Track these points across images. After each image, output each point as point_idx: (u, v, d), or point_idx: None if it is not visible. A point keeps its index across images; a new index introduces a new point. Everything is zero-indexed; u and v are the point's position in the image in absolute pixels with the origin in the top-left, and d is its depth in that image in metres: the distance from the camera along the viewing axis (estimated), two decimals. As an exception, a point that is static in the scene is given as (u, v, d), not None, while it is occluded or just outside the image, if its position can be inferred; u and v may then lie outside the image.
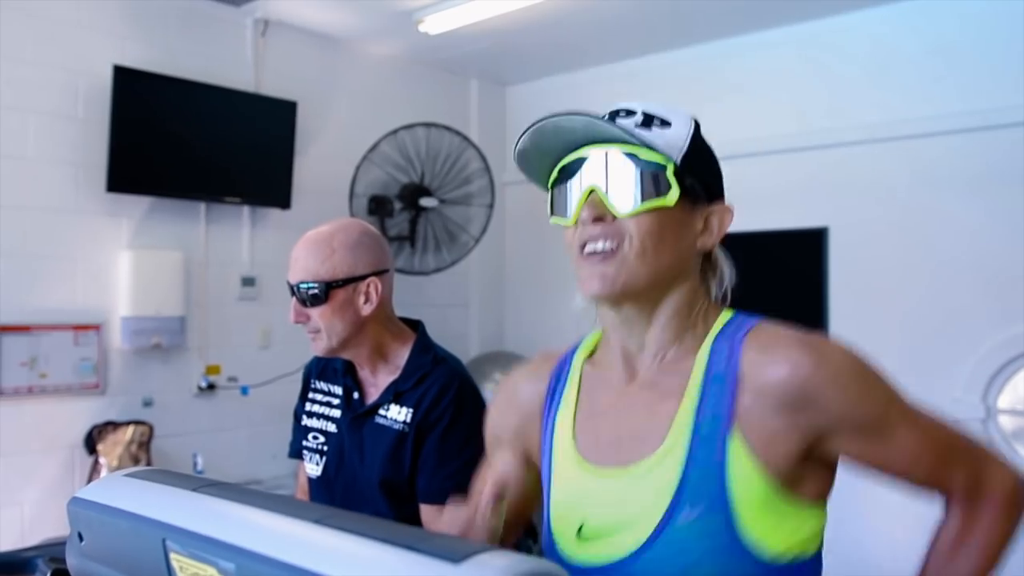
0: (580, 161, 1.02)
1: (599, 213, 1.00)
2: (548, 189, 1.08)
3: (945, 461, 1.01)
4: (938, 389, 3.42)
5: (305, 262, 1.67)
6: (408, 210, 4.14)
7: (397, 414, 1.68)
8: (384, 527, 0.53)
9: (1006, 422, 3.39)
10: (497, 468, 1.13)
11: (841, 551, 1.03)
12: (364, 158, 4.03)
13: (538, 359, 1.21)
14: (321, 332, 1.68)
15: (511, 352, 4.70)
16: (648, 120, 1.03)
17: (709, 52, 4.13)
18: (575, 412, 1.10)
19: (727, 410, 0.96)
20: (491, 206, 4.25)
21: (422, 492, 1.66)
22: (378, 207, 4.06)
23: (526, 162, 1.07)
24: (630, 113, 1.04)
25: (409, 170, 4.13)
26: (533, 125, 1.01)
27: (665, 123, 1.03)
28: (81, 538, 0.68)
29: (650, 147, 0.99)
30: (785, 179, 3.84)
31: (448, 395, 1.66)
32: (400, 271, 3.93)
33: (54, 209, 3.25)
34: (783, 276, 3.81)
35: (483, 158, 4.24)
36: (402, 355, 1.74)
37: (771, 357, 0.97)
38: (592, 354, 1.15)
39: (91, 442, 3.28)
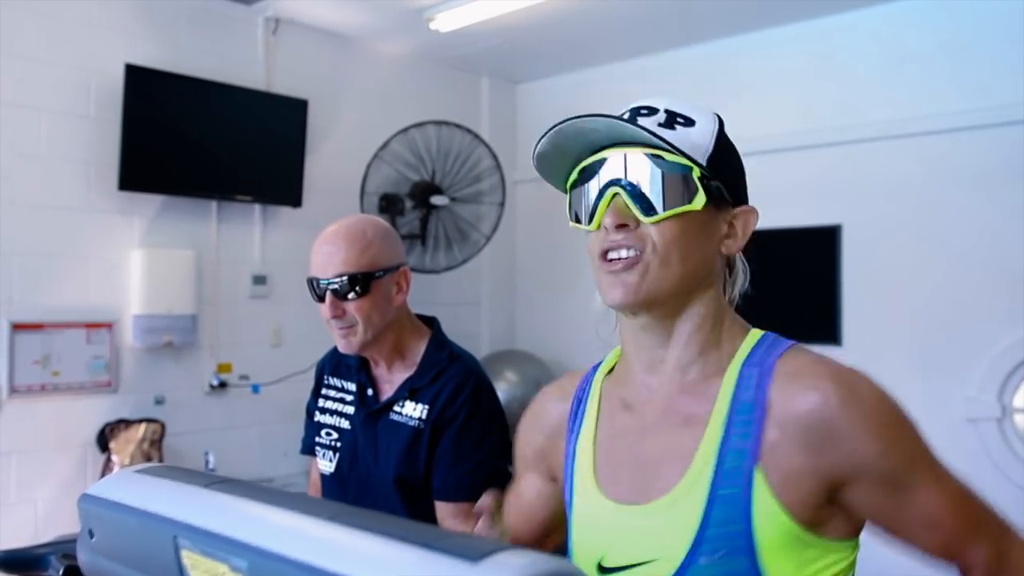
0: (601, 162, 0.97)
1: (622, 219, 0.95)
2: (567, 191, 1.03)
3: (968, 530, 0.95)
4: (953, 388, 3.40)
5: (344, 255, 1.64)
6: (419, 208, 4.14)
7: (412, 411, 1.67)
8: (400, 525, 0.52)
9: (1022, 421, 3.36)
10: (521, 490, 1.15)
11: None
12: (375, 156, 4.03)
13: (565, 377, 1.18)
14: (357, 326, 1.66)
15: (522, 351, 4.69)
16: (671, 119, 0.98)
17: (719, 50, 4.11)
18: (595, 435, 1.06)
19: (753, 444, 0.91)
20: (502, 204, 4.24)
21: (438, 489, 1.65)
22: (389, 205, 4.06)
23: (545, 164, 1.03)
24: (652, 111, 0.99)
25: (420, 168, 4.12)
26: (553, 127, 0.97)
27: (689, 121, 0.99)
28: (92, 535, 0.67)
29: (675, 150, 0.94)
30: (797, 176, 3.81)
31: (464, 392, 1.65)
32: (411, 269, 3.92)
33: (66, 208, 3.26)
34: (796, 274, 3.79)
35: (494, 156, 4.23)
36: (418, 351, 1.74)
37: (799, 387, 0.92)
38: (611, 371, 1.11)
39: (103, 440, 3.29)
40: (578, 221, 1.01)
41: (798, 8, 3.75)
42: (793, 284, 3.71)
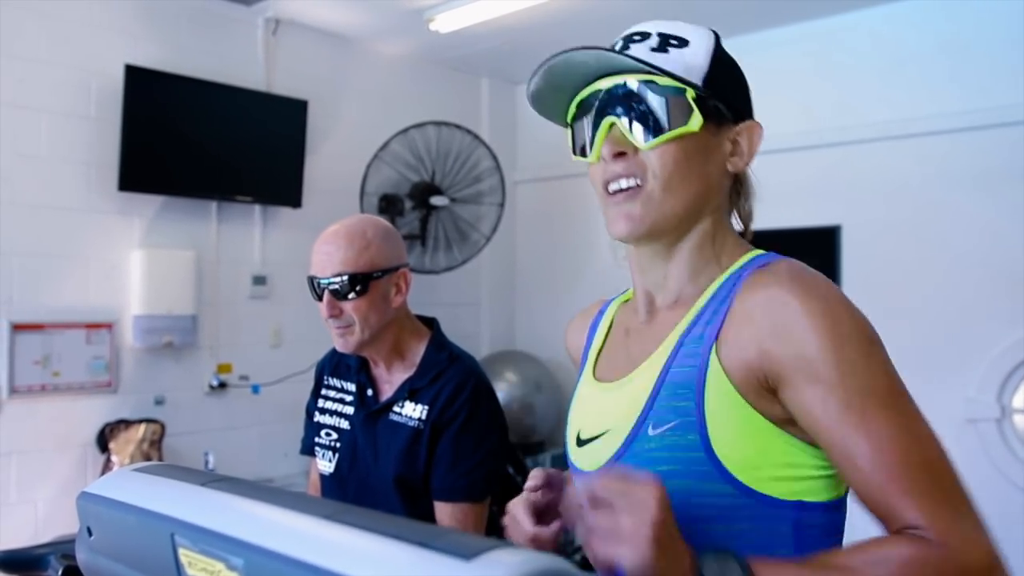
0: (596, 94, 0.97)
1: (620, 148, 0.95)
2: (568, 126, 1.03)
3: (904, 483, 0.80)
4: (952, 388, 3.40)
5: (343, 254, 1.64)
6: (419, 209, 4.14)
7: (412, 411, 1.68)
8: (395, 523, 0.52)
9: (1021, 422, 3.36)
10: None
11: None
12: (375, 157, 4.03)
13: (590, 306, 1.24)
14: (354, 326, 1.66)
15: (522, 351, 4.69)
16: (664, 42, 0.98)
17: (720, 50, 4.10)
18: (601, 345, 1.12)
19: (712, 331, 0.93)
20: (502, 204, 4.24)
21: (437, 489, 1.65)
22: (389, 206, 4.06)
23: (541, 102, 1.02)
24: (644, 36, 0.99)
25: (420, 169, 4.13)
26: (543, 65, 0.96)
27: (683, 42, 0.98)
28: (90, 533, 0.68)
29: (665, 73, 0.93)
30: (797, 177, 3.81)
31: (464, 393, 1.66)
32: (411, 270, 3.92)
33: (67, 208, 3.26)
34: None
35: (494, 156, 4.24)
36: (417, 352, 1.74)
37: (761, 283, 0.92)
38: (627, 300, 1.16)
39: (103, 440, 3.30)
40: (583, 155, 1.01)
41: (798, 9, 3.75)
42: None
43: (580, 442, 1.05)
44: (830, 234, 3.78)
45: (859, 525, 0.95)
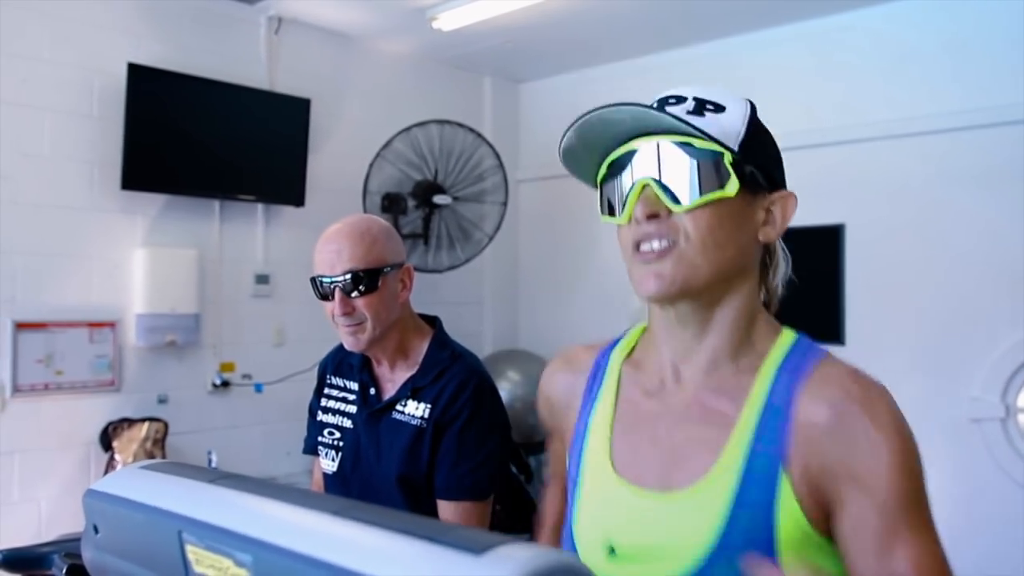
0: (630, 154, 0.95)
1: (653, 209, 0.92)
2: (597, 187, 1.00)
3: None
4: (956, 388, 3.39)
5: (352, 252, 1.64)
6: (422, 208, 4.14)
7: (415, 410, 1.68)
8: (403, 519, 0.52)
9: (1025, 421, 3.36)
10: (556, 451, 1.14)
11: None
12: (377, 156, 4.03)
13: (573, 350, 1.14)
14: (365, 323, 1.66)
15: (525, 350, 4.69)
16: (700, 106, 0.96)
17: (721, 49, 4.10)
18: (612, 417, 1.03)
19: (780, 449, 0.90)
20: (505, 203, 4.24)
21: (440, 488, 1.65)
22: (392, 205, 4.06)
23: (573, 159, 1.00)
24: (680, 100, 0.97)
25: (423, 167, 4.13)
26: (579, 120, 0.94)
27: (719, 108, 0.96)
28: (96, 530, 0.68)
29: (704, 135, 0.91)
30: (799, 176, 3.75)
31: (466, 391, 1.65)
32: (414, 269, 3.91)
33: (69, 207, 3.26)
34: (799, 273, 3.77)
35: (497, 155, 4.23)
36: (420, 350, 1.74)
37: (823, 395, 0.91)
38: (631, 353, 1.08)
39: (106, 439, 3.30)
40: (611, 215, 0.99)
41: (799, 7, 3.75)
42: (796, 284, 3.70)
43: (615, 553, 0.96)
44: (833, 233, 3.77)
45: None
